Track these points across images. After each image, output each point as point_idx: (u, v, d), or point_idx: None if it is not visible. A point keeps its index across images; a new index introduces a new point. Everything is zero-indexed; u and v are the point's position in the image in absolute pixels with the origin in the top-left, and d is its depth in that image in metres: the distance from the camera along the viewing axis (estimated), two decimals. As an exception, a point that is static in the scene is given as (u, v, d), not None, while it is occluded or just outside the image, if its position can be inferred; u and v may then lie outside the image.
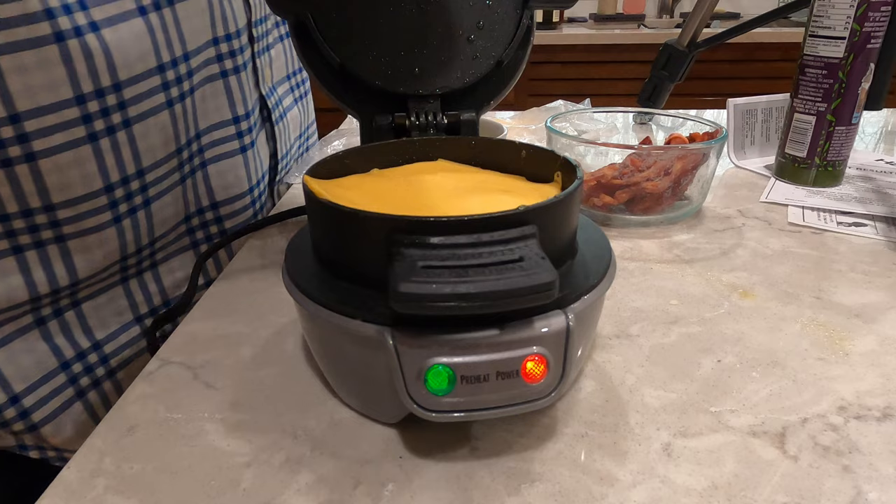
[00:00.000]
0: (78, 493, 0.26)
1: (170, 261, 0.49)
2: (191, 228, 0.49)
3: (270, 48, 0.55)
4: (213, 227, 0.51)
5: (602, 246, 0.31)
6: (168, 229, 0.47)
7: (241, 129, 0.50)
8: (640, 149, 0.50)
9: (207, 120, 0.47)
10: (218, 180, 0.50)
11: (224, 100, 0.48)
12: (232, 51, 0.48)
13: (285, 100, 0.60)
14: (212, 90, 0.47)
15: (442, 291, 0.21)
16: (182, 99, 0.43)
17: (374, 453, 0.27)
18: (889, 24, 0.52)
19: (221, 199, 0.51)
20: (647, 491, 0.25)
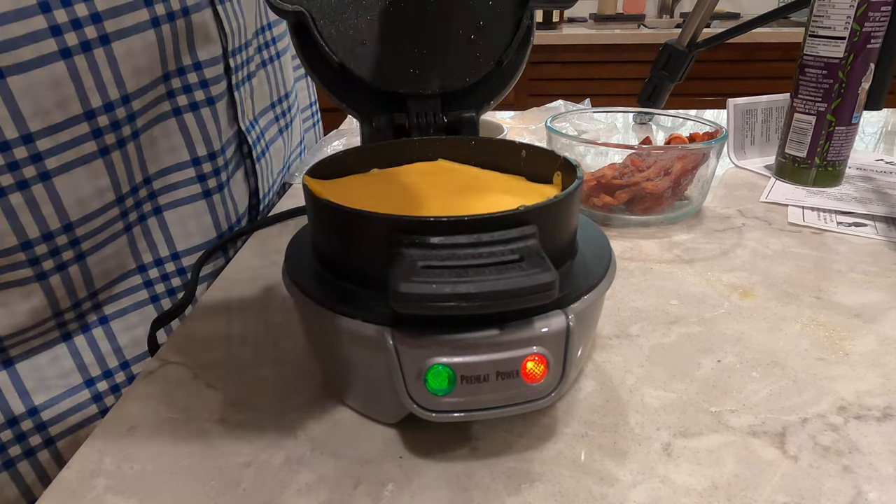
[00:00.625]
0: (78, 493, 0.26)
1: (125, 317, 0.44)
2: (147, 281, 0.45)
3: (252, 77, 0.51)
4: (176, 280, 0.46)
5: (602, 246, 0.31)
6: (111, 281, 0.42)
7: (203, 172, 0.46)
8: (640, 149, 0.50)
9: (159, 163, 0.43)
10: (178, 228, 0.45)
11: (179, 140, 0.44)
12: (187, 86, 0.43)
13: (269, 131, 0.55)
14: (163, 131, 0.43)
15: (442, 291, 0.21)
16: (121, 145, 0.39)
17: (374, 453, 0.27)
18: (889, 24, 0.52)
19: (183, 248, 0.46)
20: (647, 491, 0.25)
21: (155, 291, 0.45)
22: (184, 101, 0.43)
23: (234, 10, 0.46)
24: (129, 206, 0.41)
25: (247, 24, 0.48)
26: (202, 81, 0.44)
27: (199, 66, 0.43)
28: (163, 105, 0.42)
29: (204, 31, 0.43)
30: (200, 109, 0.44)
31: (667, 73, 0.72)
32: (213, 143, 0.45)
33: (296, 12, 0.38)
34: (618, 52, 2.14)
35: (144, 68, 0.39)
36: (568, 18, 2.49)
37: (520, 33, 0.40)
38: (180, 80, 0.42)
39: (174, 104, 0.43)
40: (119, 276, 0.43)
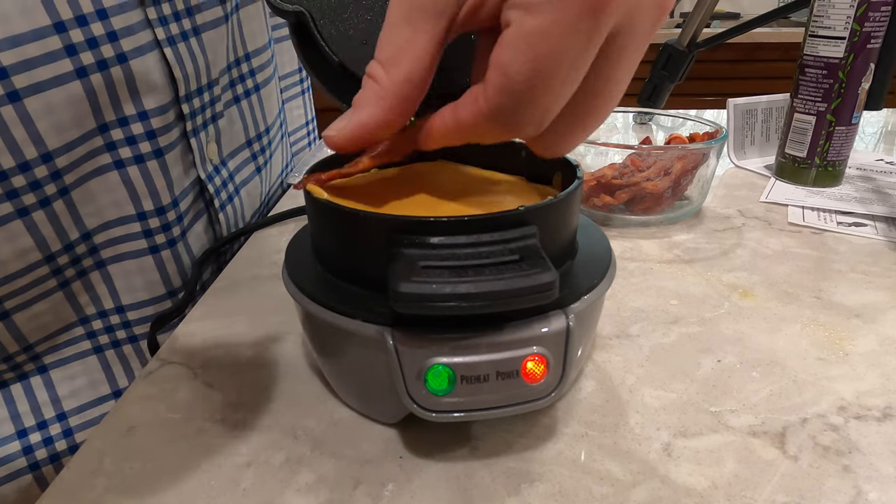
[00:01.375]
0: (78, 493, 0.26)
1: (67, 366, 0.42)
2: (91, 332, 0.42)
3: (218, 118, 0.46)
4: (121, 332, 0.43)
5: (602, 246, 0.31)
6: (51, 334, 0.40)
7: (149, 227, 0.41)
8: (640, 149, 0.50)
9: (100, 217, 0.39)
10: (123, 282, 0.42)
11: (123, 194, 0.40)
12: (130, 137, 0.39)
13: (241, 172, 0.51)
14: (103, 185, 0.39)
15: (442, 291, 0.21)
16: (44, 204, 0.36)
17: (374, 453, 0.27)
18: (889, 24, 0.52)
19: (129, 302, 0.43)
20: (647, 491, 0.25)
21: (98, 342, 0.43)
22: (127, 154, 0.39)
23: (189, 51, 0.41)
24: (63, 264, 0.39)
25: (211, 63, 0.44)
26: (148, 132, 0.39)
27: (144, 115, 0.39)
28: (101, 158, 0.38)
29: (146, 79, 0.38)
30: (146, 162, 0.40)
31: (667, 72, 0.72)
32: (160, 197, 0.41)
33: (296, 12, 0.37)
34: (618, 52, 2.13)
35: (69, 123, 0.35)
36: (568, 18, 2.49)
37: (520, 33, 0.40)
38: (122, 132, 0.38)
39: (115, 157, 0.39)
40: (59, 328, 0.41)
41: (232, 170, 0.50)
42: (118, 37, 0.36)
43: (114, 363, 0.43)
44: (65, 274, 0.39)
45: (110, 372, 0.43)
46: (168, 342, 0.36)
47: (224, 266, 0.47)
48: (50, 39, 0.33)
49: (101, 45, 0.35)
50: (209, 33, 0.43)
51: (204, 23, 0.43)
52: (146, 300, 0.43)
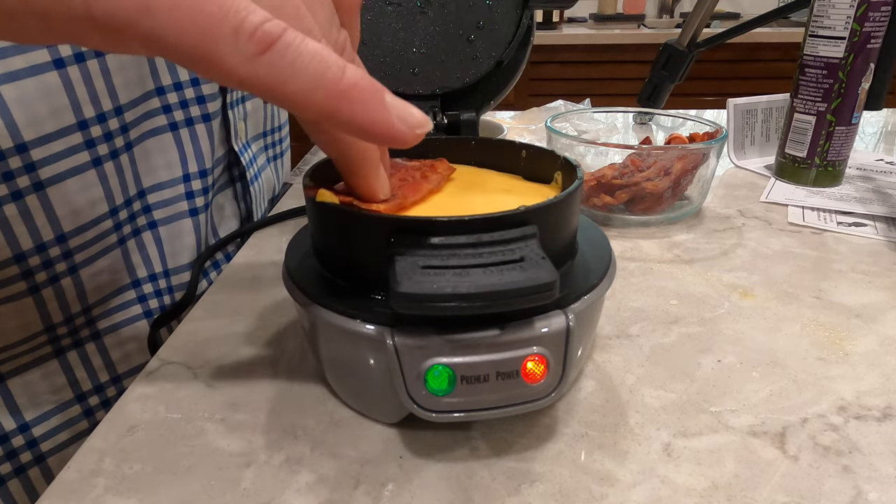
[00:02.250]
0: (78, 493, 0.26)
1: (118, 331, 0.43)
2: (142, 296, 0.44)
3: (246, 100, 0.51)
4: (167, 297, 0.45)
5: (602, 246, 0.31)
6: (105, 296, 0.42)
7: (191, 189, 0.45)
8: (640, 149, 0.50)
9: (154, 177, 0.43)
10: (169, 245, 0.45)
11: (175, 155, 0.44)
12: (184, 101, 0.43)
13: (259, 158, 0.55)
14: (158, 145, 0.43)
15: (442, 291, 0.21)
16: (114, 156, 0.39)
17: (374, 453, 0.27)
18: (889, 24, 0.52)
19: (172, 266, 0.45)
20: (647, 491, 0.25)
21: (149, 307, 0.45)
22: (180, 117, 0.43)
23: None
24: (122, 219, 0.41)
25: None
26: (199, 97, 0.44)
27: (196, 81, 0.43)
28: (157, 119, 0.42)
29: None
30: (195, 126, 0.44)
31: (667, 73, 0.72)
32: (205, 160, 0.45)
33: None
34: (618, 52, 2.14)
35: (135, 81, 0.39)
36: (568, 18, 2.49)
37: (519, 33, 0.40)
38: (177, 96, 0.42)
39: (170, 119, 0.43)
40: (112, 291, 0.42)
41: (255, 152, 0.53)
42: None
43: (162, 331, 0.45)
44: (123, 231, 0.42)
45: (154, 339, 0.44)
46: (168, 342, 0.36)
47: (224, 266, 0.47)
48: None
49: None
50: None
51: None
52: (185, 265, 0.46)
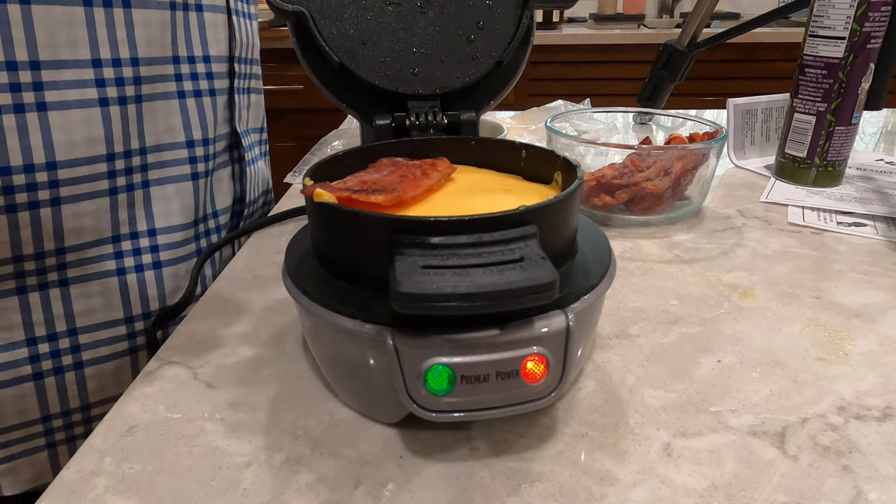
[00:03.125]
0: (78, 493, 0.26)
1: (87, 283, 0.43)
2: (118, 252, 0.44)
3: (251, 92, 0.54)
4: (147, 257, 0.45)
5: (602, 246, 0.31)
6: (82, 243, 0.41)
7: (195, 155, 0.47)
8: (640, 149, 0.50)
9: (156, 138, 0.44)
10: (161, 205, 0.45)
11: (178, 121, 0.45)
12: (195, 73, 0.46)
13: (254, 150, 0.56)
14: (165, 109, 0.44)
15: (442, 291, 0.21)
16: (122, 103, 0.40)
17: (374, 453, 0.27)
18: (889, 24, 0.52)
19: (162, 226, 0.45)
20: (647, 491, 0.25)
21: (123, 264, 0.44)
22: (189, 87, 0.45)
23: (247, 26, 0.51)
24: (118, 168, 0.42)
25: (253, 45, 0.53)
26: (209, 73, 0.46)
27: (207, 59, 0.46)
28: (169, 84, 0.44)
29: (215, 30, 0.46)
30: (203, 98, 0.46)
31: (667, 72, 0.72)
32: (208, 131, 0.47)
33: (296, 12, 0.38)
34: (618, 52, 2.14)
35: (156, 41, 0.41)
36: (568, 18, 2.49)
37: (519, 33, 0.40)
38: (189, 67, 0.45)
39: (180, 87, 0.45)
40: (91, 240, 0.42)
41: (252, 141, 0.56)
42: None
43: (132, 288, 0.45)
44: (116, 181, 0.42)
45: (127, 296, 0.45)
46: (168, 342, 0.36)
47: (224, 266, 0.47)
48: None
49: None
50: (254, 22, 0.53)
51: (254, 13, 0.53)
52: (178, 225, 0.46)
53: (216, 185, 0.51)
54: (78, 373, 0.44)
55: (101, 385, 0.45)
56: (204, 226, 0.49)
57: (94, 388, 0.45)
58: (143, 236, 0.45)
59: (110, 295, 0.44)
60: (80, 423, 0.46)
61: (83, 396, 0.45)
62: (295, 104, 1.93)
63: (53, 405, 0.44)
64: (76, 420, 0.45)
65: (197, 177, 0.47)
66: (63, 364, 0.43)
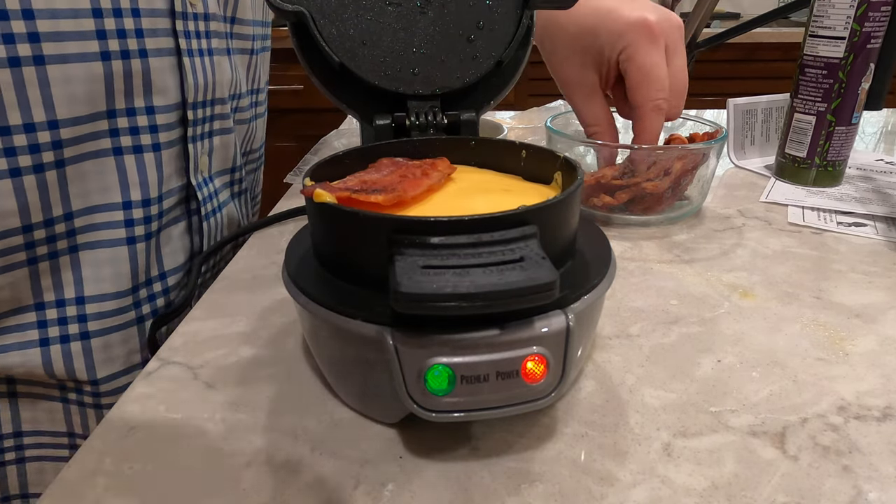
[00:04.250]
0: (78, 493, 0.26)
1: (5, 354, 0.41)
2: (42, 321, 0.41)
3: (214, 135, 0.49)
4: (73, 327, 0.42)
5: (602, 246, 0.31)
6: (1, 313, 0.40)
7: (132, 217, 0.42)
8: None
9: (86, 201, 0.40)
10: (91, 271, 0.42)
11: (114, 180, 0.41)
12: (135, 127, 0.41)
13: (222, 193, 0.53)
14: (97, 168, 0.40)
15: (442, 291, 0.21)
16: (38, 171, 0.37)
17: (374, 453, 0.27)
18: (889, 24, 0.52)
19: (91, 293, 0.42)
20: (647, 491, 0.25)
21: (47, 334, 0.41)
22: (127, 143, 0.41)
23: (202, 66, 0.45)
24: (38, 238, 0.39)
25: (217, 83, 0.48)
26: (152, 126, 0.42)
27: (151, 109, 0.42)
28: (102, 142, 0.40)
29: (161, 78, 0.42)
30: (144, 154, 0.42)
31: (667, 73, 0.72)
32: (149, 190, 0.43)
33: (296, 12, 0.38)
34: (618, 52, 2.13)
35: (82, 98, 0.38)
36: (568, 18, 2.49)
37: (520, 33, 0.40)
38: (128, 121, 0.41)
39: (115, 143, 0.41)
40: (9, 310, 0.40)
41: (217, 187, 0.52)
42: (144, 35, 0.40)
43: (56, 361, 0.42)
44: (36, 251, 0.39)
45: (50, 369, 0.42)
46: (168, 342, 0.36)
47: (224, 266, 0.47)
48: (85, 20, 0.37)
49: (128, 38, 0.39)
50: (219, 59, 0.48)
51: (218, 48, 0.48)
52: (109, 294, 0.43)
53: (165, 244, 0.47)
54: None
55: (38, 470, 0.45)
56: (147, 290, 0.45)
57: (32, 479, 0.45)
58: (70, 304, 0.42)
59: (33, 367, 0.42)
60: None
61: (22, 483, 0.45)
62: (295, 104, 1.93)
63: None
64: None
65: (134, 241, 0.43)
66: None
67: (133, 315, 0.45)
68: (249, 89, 0.57)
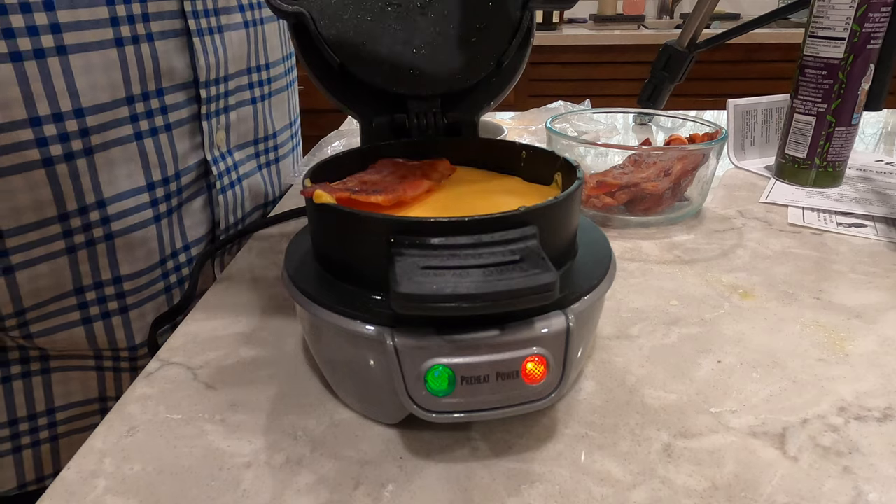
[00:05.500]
0: (78, 493, 0.26)
1: (52, 336, 0.43)
2: (83, 303, 0.43)
3: (230, 110, 0.50)
4: (113, 303, 0.44)
5: (602, 246, 0.31)
6: (43, 301, 0.41)
7: (156, 197, 0.44)
8: (640, 150, 0.50)
9: (115, 188, 0.41)
10: (125, 253, 0.43)
11: (138, 165, 0.42)
12: (150, 111, 0.42)
13: (244, 166, 0.53)
14: (123, 154, 0.41)
15: (442, 292, 0.21)
16: (69, 159, 0.38)
17: (374, 454, 0.27)
18: (889, 25, 0.52)
19: (126, 273, 0.44)
20: (647, 492, 0.25)
21: (88, 314, 0.43)
22: (145, 126, 0.42)
23: (213, 45, 0.46)
24: (74, 227, 0.40)
25: (230, 59, 0.48)
26: (163, 107, 0.43)
27: (161, 92, 0.43)
28: (125, 129, 0.41)
29: (170, 59, 0.43)
30: (159, 135, 0.43)
31: (667, 73, 0.72)
32: (167, 168, 0.45)
33: (296, 13, 0.38)
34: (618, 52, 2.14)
35: (104, 85, 0.39)
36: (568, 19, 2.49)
37: (520, 34, 0.40)
38: (144, 105, 0.42)
39: (136, 128, 0.42)
40: (53, 297, 0.41)
41: (237, 160, 0.52)
42: (150, 18, 0.41)
43: (100, 335, 0.44)
44: (74, 239, 0.41)
45: (94, 342, 0.44)
46: (168, 342, 0.36)
47: (224, 266, 0.47)
48: (99, 8, 0.37)
49: (136, 23, 0.40)
50: (230, 34, 0.48)
51: (228, 24, 0.48)
52: (143, 270, 0.45)
53: (187, 217, 0.48)
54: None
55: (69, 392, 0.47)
56: (174, 262, 0.47)
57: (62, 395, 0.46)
58: (107, 284, 0.44)
59: (78, 342, 0.44)
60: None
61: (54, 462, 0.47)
62: (295, 105, 1.92)
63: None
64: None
65: (159, 219, 0.45)
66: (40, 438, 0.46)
67: (162, 285, 0.47)
68: (283, 56, 0.57)
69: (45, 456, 0.47)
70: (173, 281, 0.48)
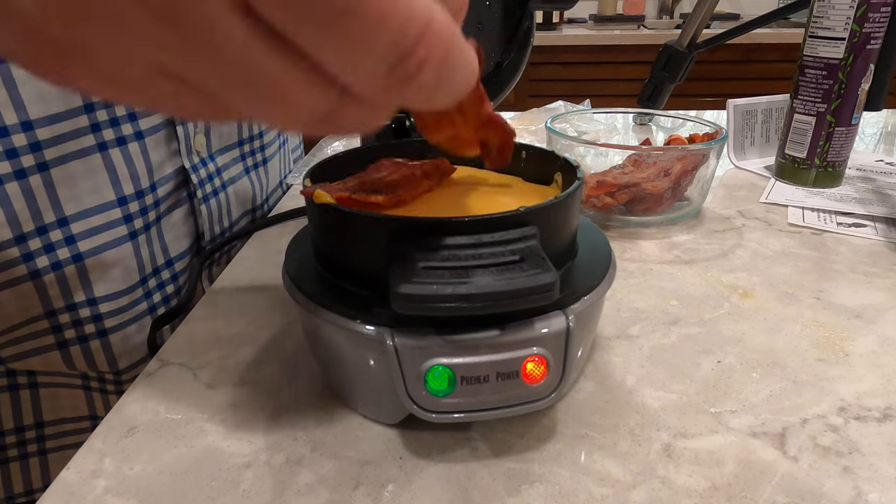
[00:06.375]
0: (78, 493, 0.26)
1: (27, 359, 0.41)
2: (56, 326, 0.41)
3: None
4: (90, 326, 0.41)
5: (602, 247, 0.31)
6: (12, 326, 0.39)
7: (129, 212, 0.41)
8: (640, 150, 0.50)
9: (79, 203, 0.38)
10: (99, 274, 0.41)
11: (105, 178, 0.39)
12: (114, 118, 0.39)
13: (228, 170, 0.50)
14: (84, 168, 0.38)
15: (442, 292, 0.21)
16: (19, 176, 0.35)
17: (374, 454, 0.27)
18: (889, 25, 0.52)
19: (102, 294, 0.41)
20: (647, 492, 0.25)
21: (63, 337, 0.41)
22: (110, 136, 0.39)
23: None
24: (34, 249, 0.37)
25: None
26: (130, 114, 0.40)
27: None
28: (85, 139, 0.38)
29: None
30: (128, 144, 0.40)
31: (667, 73, 0.72)
32: (140, 180, 0.41)
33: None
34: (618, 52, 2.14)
35: (55, 95, 0.36)
36: (568, 19, 2.49)
37: (519, 34, 0.40)
38: (107, 113, 0.39)
39: (99, 139, 0.38)
40: (21, 321, 0.40)
41: (220, 165, 0.49)
42: None
43: (77, 359, 0.42)
44: (36, 262, 0.38)
45: (72, 365, 0.42)
46: (168, 342, 0.36)
47: (224, 267, 0.47)
48: None
49: None
50: None
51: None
52: (120, 291, 0.42)
53: (167, 231, 0.45)
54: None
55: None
56: (156, 280, 0.45)
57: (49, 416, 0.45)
58: (82, 307, 0.41)
59: (56, 367, 0.42)
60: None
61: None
62: (295, 105, 1.92)
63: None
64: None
65: (135, 235, 0.42)
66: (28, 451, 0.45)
67: (146, 306, 0.44)
68: None
69: (33, 469, 0.45)
70: (157, 300, 0.45)
